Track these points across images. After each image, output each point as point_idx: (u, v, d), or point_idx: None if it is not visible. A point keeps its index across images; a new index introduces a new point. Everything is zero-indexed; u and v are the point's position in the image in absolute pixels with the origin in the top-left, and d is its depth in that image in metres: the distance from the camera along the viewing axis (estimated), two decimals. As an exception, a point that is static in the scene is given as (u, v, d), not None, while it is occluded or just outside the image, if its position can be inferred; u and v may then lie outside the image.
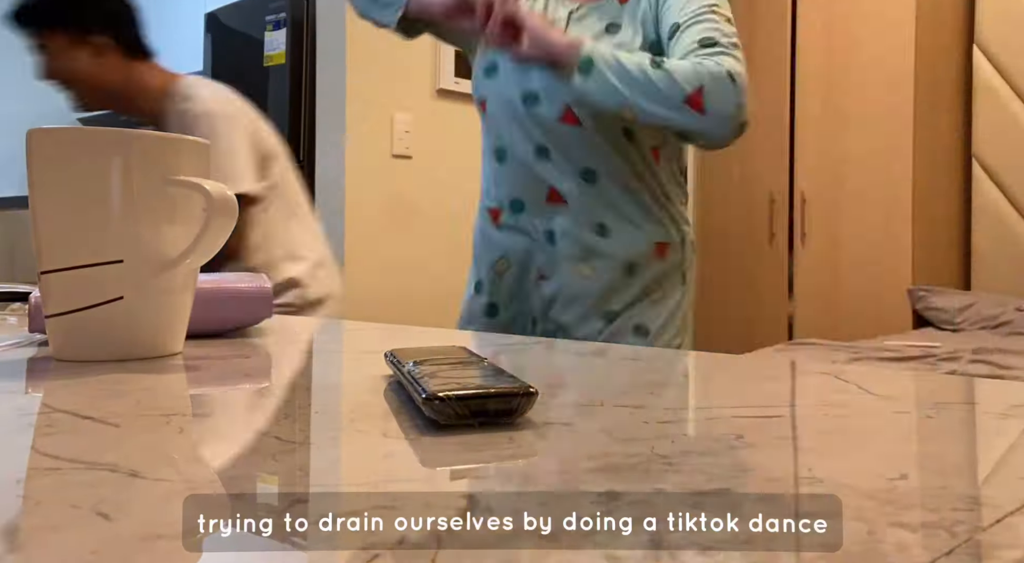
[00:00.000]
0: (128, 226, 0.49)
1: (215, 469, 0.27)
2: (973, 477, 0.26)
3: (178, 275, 0.50)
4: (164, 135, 0.50)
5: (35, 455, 0.28)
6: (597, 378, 0.48)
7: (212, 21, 3.05)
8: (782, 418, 0.36)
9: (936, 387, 0.45)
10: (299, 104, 2.66)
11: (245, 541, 0.21)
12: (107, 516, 0.22)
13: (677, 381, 0.46)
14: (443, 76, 2.65)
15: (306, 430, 0.32)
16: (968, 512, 0.23)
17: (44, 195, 0.49)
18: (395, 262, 2.53)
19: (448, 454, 0.29)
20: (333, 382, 0.45)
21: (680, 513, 0.23)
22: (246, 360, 0.52)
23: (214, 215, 0.48)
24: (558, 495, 0.24)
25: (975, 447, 0.31)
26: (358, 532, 0.21)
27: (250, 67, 2.81)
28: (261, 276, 0.67)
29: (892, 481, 0.26)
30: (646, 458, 0.28)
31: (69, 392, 0.40)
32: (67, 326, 0.49)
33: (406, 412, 0.36)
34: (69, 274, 0.48)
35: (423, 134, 2.62)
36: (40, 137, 0.49)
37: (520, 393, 0.33)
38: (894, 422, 0.35)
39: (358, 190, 2.48)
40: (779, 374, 0.51)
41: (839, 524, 0.22)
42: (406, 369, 0.38)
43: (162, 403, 0.37)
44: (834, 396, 0.41)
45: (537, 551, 0.20)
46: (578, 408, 0.38)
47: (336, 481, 0.25)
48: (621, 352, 0.60)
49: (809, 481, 0.26)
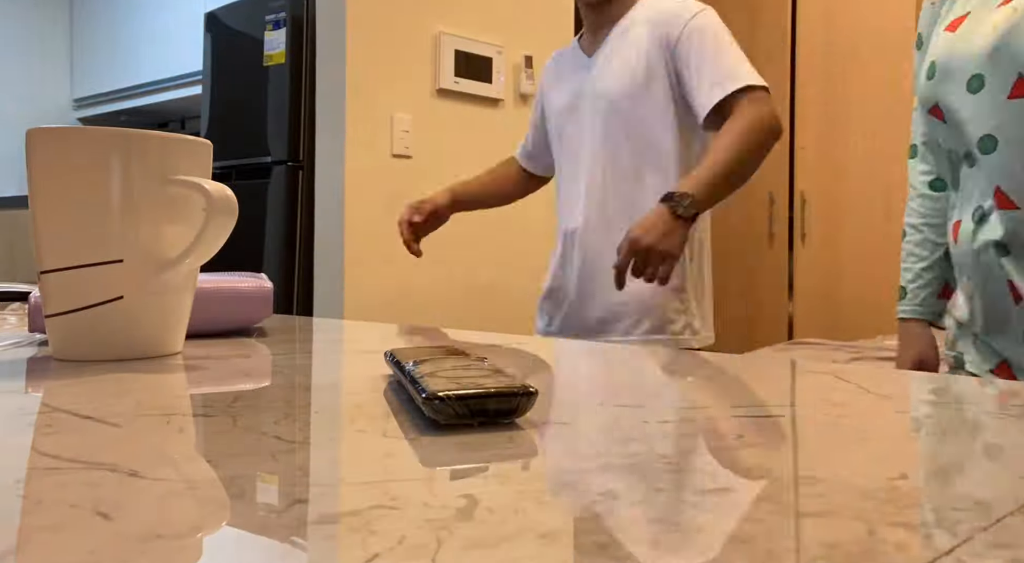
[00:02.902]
0: (128, 226, 0.49)
1: (215, 469, 0.27)
2: (973, 477, 0.26)
3: (178, 275, 0.50)
4: (164, 135, 0.50)
5: (35, 455, 0.28)
6: (597, 378, 0.48)
7: (212, 21, 3.05)
8: (782, 418, 0.36)
9: (936, 387, 0.45)
10: (299, 104, 2.66)
11: (245, 541, 0.21)
12: (107, 516, 0.22)
13: (677, 381, 0.46)
14: (443, 76, 2.65)
15: (306, 430, 0.32)
16: (968, 512, 0.23)
17: (44, 195, 0.49)
18: (395, 262, 2.53)
19: (448, 454, 0.29)
20: (333, 382, 0.45)
21: (680, 513, 0.23)
22: (246, 360, 0.52)
23: (214, 215, 0.48)
24: (558, 495, 0.24)
25: (975, 447, 0.31)
26: (358, 532, 0.21)
27: (250, 67, 2.81)
28: (261, 276, 0.67)
29: (892, 481, 0.26)
30: (646, 458, 0.28)
31: (69, 392, 0.40)
32: (67, 326, 0.49)
33: (406, 412, 0.36)
34: (69, 274, 0.49)
35: (423, 134, 2.62)
36: (40, 137, 0.49)
37: (520, 393, 0.33)
38: (894, 422, 0.35)
39: (358, 190, 2.48)
40: (779, 374, 0.51)
41: (839, 524, 0.22)
42: (406, 369, 0.38)
43: (162, 403, 0.37)
44: (834, 396, 0.41)
45: (537, 551, 0.20)
46: (578, 408, 0.38)
47: (336, 481, 0.25)
48: (621, 352, 0.60)
49: (809, 481, 0.26)
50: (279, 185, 2.68)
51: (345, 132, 2.46)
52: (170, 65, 4.04)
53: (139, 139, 0.49)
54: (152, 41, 4.15)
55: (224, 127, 2.95)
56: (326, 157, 2.53)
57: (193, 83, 3.83)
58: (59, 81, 4.68)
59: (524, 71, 2.87)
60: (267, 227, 2.71)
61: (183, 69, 3.94)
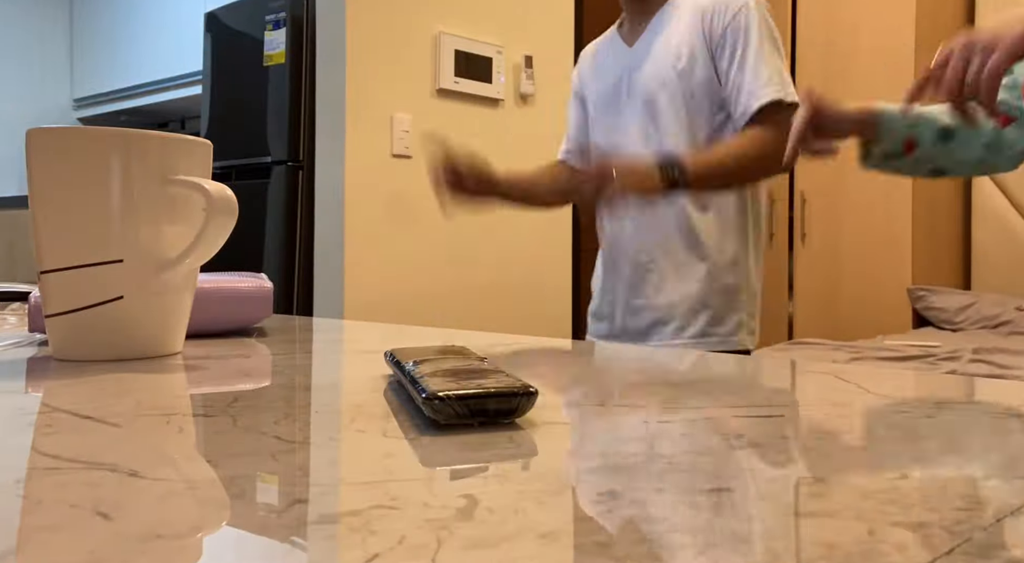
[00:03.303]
0: (128, 226, 0.49)
1: (215, 469, 0.27)
2: (973, 477, 0.26)
3: (178, 275, 0.50)
4: (164, 135, 0.50)
5: (35, 455, 0.28)
6: (597, 378, 0.48)
7: (212, 21, 3.05)
8: (782, 418, 0.36)
9: (936, 387, 0.45)
10: (299, 104, 2.66)
11: (245, 541, 0.21)
12: (107, 516, 0.22)
13: (677, 381, 0.46)
14: (443, 76, 2.65)
15: (306, 430, 0.32)
16: (968, 512, 0.23)
17: (44, 195, 0.49)
18: (395, 262, 2.53)
19: (448, 454, 0.29)
20: (333, 382, 0.45)
21: (680, 513, 0.23)
22: (246, 360, 0.52)
23: (214, 215, 0.48)
24: (558, 495, 0.24)
25: (975, 447, 0.31)
26: (358, 532, 0.21)
27: (250, 67, 2.81)
28: (261, 276, 0.67)
29: (892, 481, 0.26)
30: (646, 458, 0.28)
31: (69, 392, 0.40)
32: (67, 326, 0.49)
33: (406, 412, 0.36)
34: (69, 274, 0.48)
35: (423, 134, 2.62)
36: (40, 137, 0.49)
37: (520, 393, 0.33)
38: (894, 422, 0.35)
39: (358, 190, 2.48)
40: (779, 374, 0.51)
41: (839, 524, 0.22)
42: (406, 369, 0.38)
43: (162, 403, 0.37)
44: (834, 396, 0.41)
45: (537, 551, 0.20)
46: (578, 408, 0.38)
47: (336, 481, 0.25)
48: (621, 352, 0.60)
49: (809, 481, 0.26)
50: (279, 185, 2.68)
51: (345, 132, 2.46)
52: (170, 65, 4.04)
53: (139, 139, 0.49)
54: (152, 41, 4.15)
55: (224, 127, 2.95)
56: (326, 157, 2.52)
57: (193, 83, 3.83)
58: (59, 81, 4.68)
59: (524, 71, 2.87)
60: (267, 227, 2.71)
61: (183, 69, 3.94)
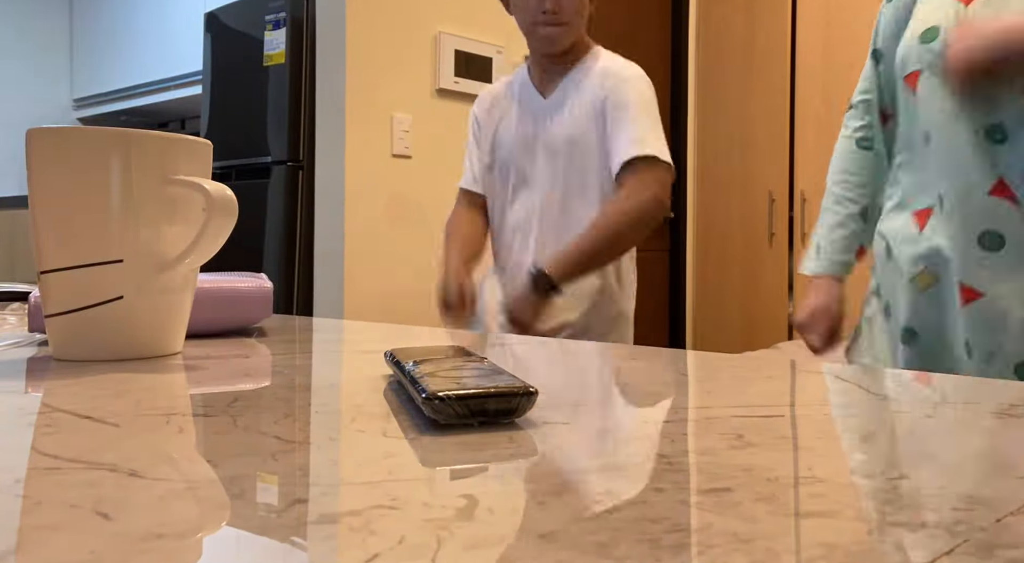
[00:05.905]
0: (128, 226, 0.49)
1: (215, 469, 0.27)
2: (973, 477, 0.26)
3: (178, 275, 0.50)
4: (164, 135, 0.50)
5: (35, 455, 0.28)
6: (597, 378, 0.48)
7: (212, 21, 3.05)
8: (782, 418, 0.36)
9: (936, 387, 0.45)
10: (299, 104, 2.66)
11: (245, 541, 0.21)
12: (107, 516, 0.22)
13: (677, 381, 0.46)
14: (443, 76, 2.65)
15: (306, 430, 0.32)
16: (968, 512, 0.23)
17: (44, 195, 0.49)
18: (395, 262, 2.53)
19: (448, 454, 0.29)
20: (333, 382, 0.45)
21: (680, 513, 0.23)
22: (246, 360, 0.52)
23: (214, 215, 0.48)
24: (558, 495, 0.24)
25: (975, 447, 0.31)
26: (358, 532, 0.21)
27: (250, 67, 2.81)
28: (261, 276, 0.67)
29: (892, 481, 0.26)
30: (646, 458, 0.28)
31: (69, 392, 0.40)
32: (67, 326, 0.49)
33: (406, 412, 0.36)
34: (69, 274, 0.49)
35: (423, 134, 2.62)
36: (40, 137, 0.49)
37: (520, 393, 0.33)
38: (894, 422, 0.35)
39: (358, 190, 2.48)
40: (779, 374, 0.51)
41: (839, 524, 0.22)
42: (406, 369, 0.38)
43: (162, 403, 0.37)
44: (834, 396, 0.41)
45: (537, 551, 0.20)
46: (578, 408, 0.38)
47: (336, 481, 0.25)
48: (621, 352, 0.60)
49: (809, 481, 0.26)
50: (279, 185, 2.68)
51: (345, 132, 2.46)
52: (170, 65, 4.04)
53: (139, 139, 0.49)
54: (152, 41, 4.15)
55: (224, 127, 2.95)
56: (326, 157, 2.52)
57: (193, 83, 3.84)
58: (59, 81, 4.68)
59: (524, 71, 2.86)
60: (267, 227, 2.71)
61: (183, 69, 3.94)
